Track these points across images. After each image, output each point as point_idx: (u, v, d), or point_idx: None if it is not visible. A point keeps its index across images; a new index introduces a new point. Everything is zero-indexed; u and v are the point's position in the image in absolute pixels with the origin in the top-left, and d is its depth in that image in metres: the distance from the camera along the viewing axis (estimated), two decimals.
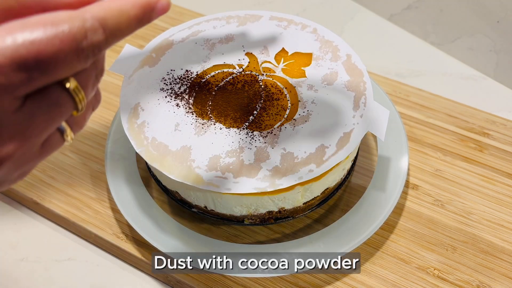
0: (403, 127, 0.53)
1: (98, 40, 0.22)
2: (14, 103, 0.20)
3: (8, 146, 0.21)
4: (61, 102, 0.22)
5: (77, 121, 0.24)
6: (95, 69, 0.23)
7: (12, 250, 0.51)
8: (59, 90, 0.22)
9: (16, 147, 0.21)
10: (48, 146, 0.23)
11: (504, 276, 0.46)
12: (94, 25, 0.21)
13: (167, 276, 0.47)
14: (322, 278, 0.46)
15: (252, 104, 0.44)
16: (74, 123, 0.24)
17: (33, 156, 0.23)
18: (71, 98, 0.22)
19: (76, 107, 0.23)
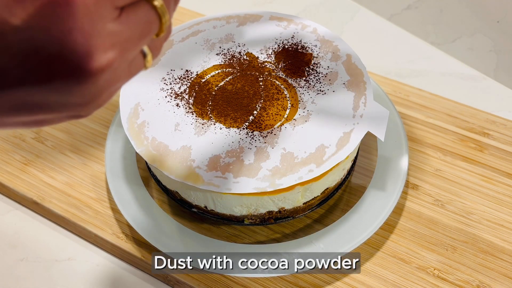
0: (403, 127, 0.53)
1: None
2: (114, 12, 0.21)
3: (109, 53, 0.21)
4: (150, 19, 0.23)
5: (155, 45, 0.25)
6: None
7: (12, 250, 0.51)
8: (148, 7, 0.23)
9: (115, 56, 0.22)
10: (133, 67, 0.24)
11: (504, 276, 0.46)
12: None
13: (167, 276, 0.47)
14: (322, 278, 0.46)
15: (252, 104, 0.44)
16: (153, 48, 0.25)
17: (123, 73, 0.23)
18: (157, 16, 0.23)
19: (161, 27, 0.24)
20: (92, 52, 0.21)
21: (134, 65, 0.24)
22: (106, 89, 0.23)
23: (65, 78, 0.21)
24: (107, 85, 0.23)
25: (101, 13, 0.21)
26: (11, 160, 0.56)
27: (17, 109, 0.22)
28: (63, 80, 0.21)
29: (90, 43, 0.21)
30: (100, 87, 0.22)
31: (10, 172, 0.55)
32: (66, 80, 0.21)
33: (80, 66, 0.21)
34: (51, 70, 0.21)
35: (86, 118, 0.59)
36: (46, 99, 0.22)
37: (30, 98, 0.22)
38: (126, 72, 0.24)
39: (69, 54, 0.20)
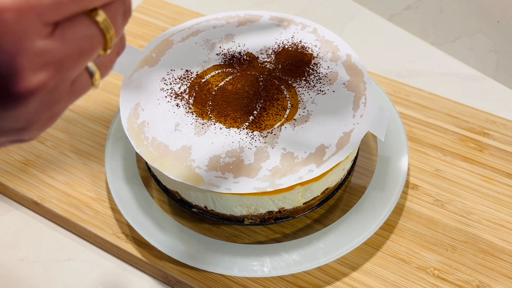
0: (403, 127, 0.53)
1: None
2: (45, 28, 0.20)
3: (40, 74, 0.20)
4: (91, 35, 0.21)
5: (104, 63, 0.24)
6: (122, 5, 0.23)
7: (12, 250, 0.51)
8: (89, 22, 0.21)
9: (49, 77, 0.20)
10: (77, 87, 0.22)
11: (504, 276, 0.46)
12: None
13: (167, 276, 0.47)
14: (322, 278, 0.46)
15: (252, 104, 0.44)
16: (102, 65, 0.24)
17: (63, 95, 0.22)
18: (101, 32, 0.22)
19: (106, 43, 0.22)
20: (18, 73, 0.19)
21: (79, 85, 0.23)
22: (45, 112, 0.21)
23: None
24: (45, 108, 0.21)
25: (27, 30, 0.19)
26: (11, 160, 0.56)
27: None
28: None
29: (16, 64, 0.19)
30: (35, 110, 0.21)
31: (10, 172, 0.55)
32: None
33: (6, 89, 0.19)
34: None
35: (86, 118, 0.60)
36: None
37: None
38: (69, 92, 0.22)
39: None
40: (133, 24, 0.71)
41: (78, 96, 0.23)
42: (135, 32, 0.70)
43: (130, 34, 0.70)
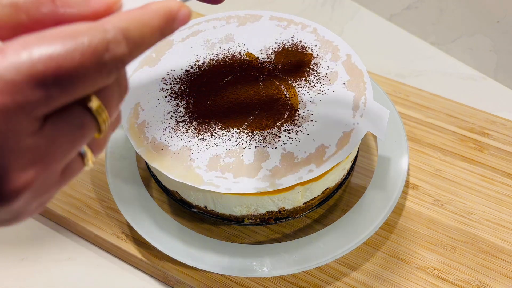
0: (403, 127, 0.53)
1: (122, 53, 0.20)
2: (33, 124, 0.18)
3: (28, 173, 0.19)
4: (83, 123, 0.20)
5: (98, 143, 0.22)
6: (118, 87, 0.21)
7: (12, 250, 0.51)
8: (81, 110, 0.20)
9: (36, 174, 0.19)
10: (68, 172, 0.21)
11: (504, 276, 0.46)
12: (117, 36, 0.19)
13: (167, 276, 0.47)
14: (322, 278, 0.46)
15: (252, 104, 0.44)
16: (95, 146, 0.22)
17: (53, 184, 0.21)
18: (93, 118, 0.20)
19: (99, 128, 0.21)
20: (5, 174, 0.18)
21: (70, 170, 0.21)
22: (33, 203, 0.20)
23: None
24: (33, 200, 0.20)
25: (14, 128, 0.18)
26: None
27: None
28: None
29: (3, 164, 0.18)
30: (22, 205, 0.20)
31: None
32: None
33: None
34: None
35: None
36: None
37: None
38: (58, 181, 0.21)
39: None
40: None
41: (69, 181, 0.22)
42: None
43: None
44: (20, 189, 0.19)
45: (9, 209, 0.19)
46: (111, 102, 0.21)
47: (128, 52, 0.20)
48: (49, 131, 0.19)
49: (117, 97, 0.22)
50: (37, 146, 0.19)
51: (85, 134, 0.21)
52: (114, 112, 0.22)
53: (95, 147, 0.22)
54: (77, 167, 0.22)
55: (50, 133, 0.19)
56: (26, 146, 0.18)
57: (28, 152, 0.19)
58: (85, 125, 0.20)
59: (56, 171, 0.20)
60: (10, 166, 0.18)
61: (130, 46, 0.20)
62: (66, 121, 0.20)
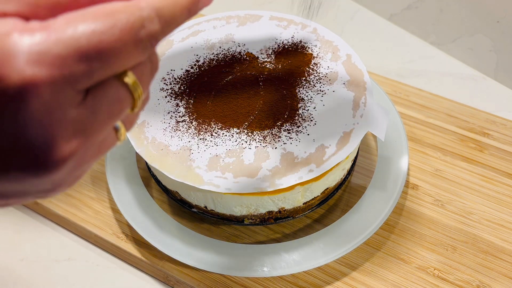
0: (403, 127, 0.53)
1: (155, 30, 0.21)
2: (77, 97, 0.20)
3: (72, 143, 0.20)
4: (120, 98, 0.21)
5: (130, 119, 0.24)
6: (150, 64, 0.23)
7: (12, 250, 0.51)
8: (118, 85, 0.21)
9: (79, 144, 0.20)
10: (103, 146, 0.23)
11: (504, 276, 0.46)
12: (151, 14, 0.21)
13: (167, 276, 0.47)
14: (322, 278, 0.46)
15: (252, 104, 0.44)
16: (127, 121, 0.24)
17: (92, 155, 0.22)
18: (129, 93, 0.22)
19: (134, 103, 0.22)
20: (52, 144, 0.19)
21: (105, 143, 0.23)
22: (72, 174, 0.21)
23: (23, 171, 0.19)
24: (73, 171, 0.21)
25: (61, 100, 0.19)
26: None
27: None
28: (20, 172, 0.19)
29: (49, 134, 0.19)
30: (63, 175, 0.21)
31: None
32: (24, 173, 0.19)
33: (39, 159, 0.19)
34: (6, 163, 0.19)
35: None
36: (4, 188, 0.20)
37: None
38: (96, 152, 0.22)
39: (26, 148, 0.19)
40: None
41: (104, 154, 0.23)
42: None
43: None
44: (64, 159, 0.20)
45: (52, 178, 0.20)
46: (144, 78, 0.22)
47: (161, 30, 0.21)
48: (90, 104, 0.20)
49: (149, 74, 0.23)
50: (80, 118, 0.20)
51: (122, 108, 0.22)
52: (146, 89, 0.23)
53: (127, 123, 0.24)
54: (111, 141, 0.23)
55: (91, 105, 0.20)
56: (71, 117, 0.19)
57: (72, 123, 0.20)
58: (122, 100, 0.21)
59: (95, 143, 0.22)
60: (56, 136, 0.19)
61: (162, 24, 0.21)
62: (105, 95, 0.21)
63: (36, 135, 0.19)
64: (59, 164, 0.20)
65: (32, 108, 0.18)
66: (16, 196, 0.21)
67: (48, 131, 0.19)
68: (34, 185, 0.20)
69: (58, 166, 0.20)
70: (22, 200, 0.22)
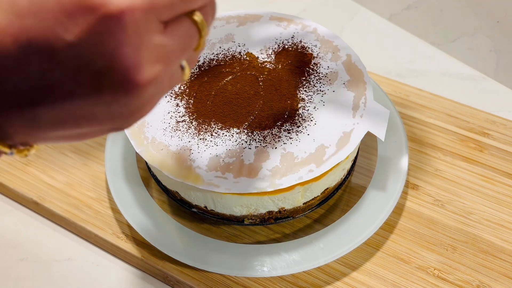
0: (403, 127, 0.53)
1: None
2: (160, 26, 0.22)
3: (156, 66, 0.22)
4: (191, 33, 0.24)
5: (192, 59, 0.26)
6: (212, 7, 0.25)
7: (12, 250, 0.51)
8: (190, 21, 0.24)
9: (162, 68, 0.22)
10: (173, 79, 0.25)
11: (504, 276, 0.46)
12: None
13: (167, 276, 0.47)
14: (322, 278, 0.46)
15: (252, 104, 0.44)
16: (190, 61, 0.26)
17: (165, 85, 0.24)
18: (198, 31, 0.24)
19: (199, 41, 0.25)
20: (140, 65, 0.21)
21: (174, 78, 0.25)
22: (150, 101, 0.23)
23: (114, 91, 0.21)
24: (152, 97, 0.23)
25: (149, 26, 0.21)
26: (11, 160, 0.56)
27: (63, 122, 0.22)
28: (111, 92, 0.21)
29: (139, 56, 0.21)
30: (145, 99, 0.23)
31: (10, 172, 0.55)
32: (114, 93, 0.21)
33: (129, 79, 0.21)
34: (101, 83, 0.21)
35: None
36: (93, 111, 0.22)
37: (78, 111, 0.22)
38: (168, 85, 0.24)
39: (119, 67, 0.21)
40: None
41: (172, 88, 0.25)
42: None
43: None
44: (150, 81, 0.22)
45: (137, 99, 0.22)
46: (208, 20, 0.25)
47: None
48: (170, 34, 0.23)
49: (211, 16, 0.25)
50: (162, 45, 0.22)
51: (192, 44, 0.24)
52: (208, 31, 0.25)
53: (191, 62, 0.26)
54: (178, 77, 0.25)
55: (170, 35, 0.23)
56: (156, 43, 0.22)
57: (156, 48, 0.22)
58: (192, 35, 0.24)
59: (170, 72, 0.24)
60: (144, 58, 0.21)
61: None
62: (180, 28, 0.23)
63: (129, 56, 0.21)
64: (144, 85, 0.22)
65: (127, 31, 0.20)
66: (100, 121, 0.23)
67: (139, 52, 0.21)
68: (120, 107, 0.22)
69: (143, 87, 0.22)
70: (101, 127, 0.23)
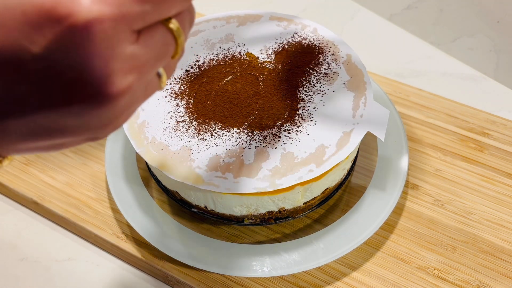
0: (403, 127, 0.53)
1: None
2: (132, 35, 0.21)
3: (129, 77, 0.22)
4: (167, 41, 0.23)
5: (170, 66, 0.26)
6: (189, 14, 0.24)
7: (12, 250, 0.51)
8: (165, 30, 0.23)
9: (135, 79, 0.22)
10: (149, 89, 0.24)
11: (504, 276, 0.46)
12: None
13: (167, 276, 0.47)
14: (322, 278, 0.46)
15: (252, 104, 0.44)
16: (168, 69, 0.25)
17: (140, 95, 0.24)
18: (174, 39, 0.24)
19: (176, 49, 0.24)
20: (111, 77, 0.21)
21: (150, 87, 0.24)
22: (124, 112, 0.23)
23: (85, 103, 0.21)
24: (126, 108, 0.23)
25: (119, 36, 0.21)
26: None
27: (35, 134, 0.22)
28: (82, 104, 0.21)
29: (109, 68, 0.21)
30: (119, 109, 0.22)
31: (10, 172, 0.55)
32: (85, 105, 0.21)
33: (100, 91, 0.21)
34: (71, 95, 0.21)
35: None
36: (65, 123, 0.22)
37: (50, 123, 0.22)
38: (143, 94, 0.24)
39: (89, 79, 0.20)
40: None
41: (148, 97, 0.25)
42: None
43: None
44: (122, 92, 0.21)
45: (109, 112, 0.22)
46: (184, 27, 0.24)
47: None
48: (143, 43, 0.22)
49: (188, 24, 0.25)
50: (135, 55, 0.22)
51: (168, 52, 0.24)
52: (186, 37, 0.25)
53: (168, 70, 0.26)
54: (155, 85, 0.25)
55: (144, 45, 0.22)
56: (127, 53, 0.21)
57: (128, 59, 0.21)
58: (168, 43, 0.23)
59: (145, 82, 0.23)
60: (115, 69, 0.21)
61: None
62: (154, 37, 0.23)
63: (99, 67, 0.20)
64: (117, 97, 0.21)
65: (96, 42, 0.20)
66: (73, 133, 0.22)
67: (109, 64, 0.20)
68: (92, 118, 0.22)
69: (115, 99, 0.21)
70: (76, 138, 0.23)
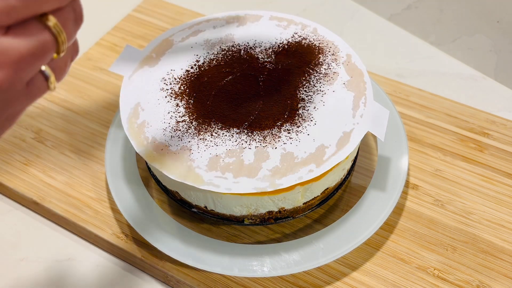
0: (403, 127, 0.53)
1: None
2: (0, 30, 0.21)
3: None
4: (44, 38, 0.22)
5: (59, 66, 0.25)
6: (73, 13, 0.24)
7: (12, 250, 0.51)
8: (40, 26, 0.22)
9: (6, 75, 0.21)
10: (33, 89, 0.24)
11: (504, 276, 0.46)
12: None
13: (167, 276, 0.47)
14: (322, 278, 0.46)
15: (252, 104, 0.44)
16: (57, 69, 0.25)
17: (19, 95, 0.23)
18: (52, 36, 0.23)
19: (58, 47, 0.23)
20: None
21: (35, 87, 0.24)
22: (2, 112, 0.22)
23: None
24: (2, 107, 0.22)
25: None
26: (11, 160, 0.56)
27: None
28: None
29: None
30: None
31: (10, 172, 0.55)
32: None
33: None
34: None
35: (86, 118, 0.60)
36: None
37: None
38: (25, 94, 0.23)
39: None
40: (133, 24, 0.71)
41: (35, 98, 0.24)
42: (135, 32, 0.70)
43: (130, 34, 0.70)
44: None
45: None
46: (67, 25, 0.23)
47: None
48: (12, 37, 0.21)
49: (72, 22, 0.24)
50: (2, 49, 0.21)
51: (46, 50, 0.23)
52: (71, 35, 0.24)
53: (57, 71, 0.25)
54: (41, 87, 0.24)
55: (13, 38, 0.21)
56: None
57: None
58: (46, 40, 0.23)
59: (20, 80, 0.22)
60: None
61: None
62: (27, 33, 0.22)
63: None
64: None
65: None
66: None
67: None
68: None
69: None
70: None
